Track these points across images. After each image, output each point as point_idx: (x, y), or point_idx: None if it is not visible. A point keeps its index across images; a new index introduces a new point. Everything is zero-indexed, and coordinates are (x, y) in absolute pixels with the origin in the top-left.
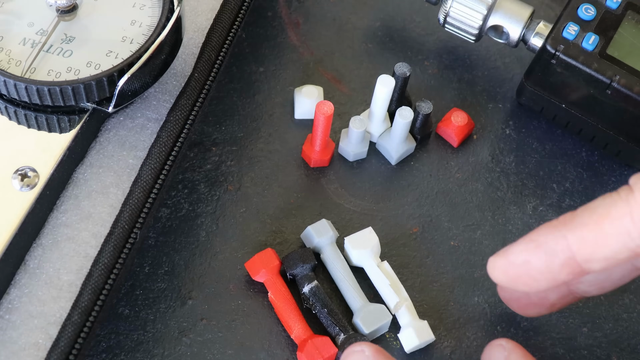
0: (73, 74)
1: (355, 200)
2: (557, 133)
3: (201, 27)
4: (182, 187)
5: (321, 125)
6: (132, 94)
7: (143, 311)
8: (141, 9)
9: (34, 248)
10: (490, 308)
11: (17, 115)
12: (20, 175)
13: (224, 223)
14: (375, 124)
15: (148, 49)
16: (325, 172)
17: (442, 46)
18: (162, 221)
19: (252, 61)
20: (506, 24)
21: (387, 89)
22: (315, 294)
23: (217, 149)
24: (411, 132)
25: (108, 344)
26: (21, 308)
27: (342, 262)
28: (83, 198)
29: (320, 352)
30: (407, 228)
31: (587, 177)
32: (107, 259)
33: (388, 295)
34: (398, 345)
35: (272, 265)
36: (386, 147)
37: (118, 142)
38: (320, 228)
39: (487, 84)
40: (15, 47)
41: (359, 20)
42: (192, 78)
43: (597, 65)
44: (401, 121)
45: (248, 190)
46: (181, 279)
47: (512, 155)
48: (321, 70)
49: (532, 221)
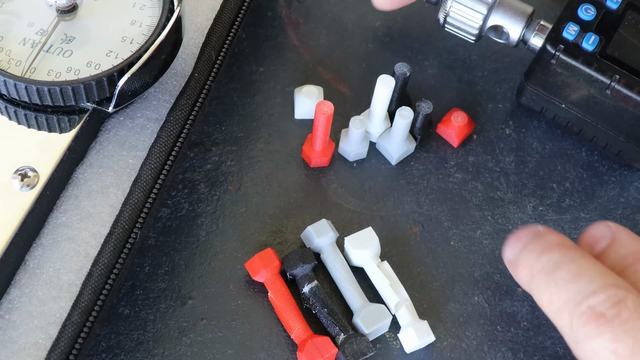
0: (73, 74)
1: (355, 200)
2: (557, 133)
3: (201, 27)
4: (182, 187)
5: (321, 125)
6: (132, 94)
7: (143, 311)
8: (141, 9)
9: (34, 248)
10: (490, 308)
11: (17, 115)
12: (20, 175)
13: (224, 223)
14: (375, 124)
15: (148, 49)
16: (325, 172)
17: (442, 46)
18: (162, 221)
19: (252, 61)
20: (506, 24)
21: (388, 89)
22: (315, 294)
23: (217, 149)
24: (411, 132)
25: (108, 343)
26: (21, 308)
27: (342, 262)
28: (83, 198)
29: (320, 352)
30: (407, 228)
31: (587, 177)
32: (107, 258)
33: (388, 295)
34: (398, 345)
35: (272, 265)
36: (386, 147)
37: (118, 142)
38: (320, 228)
39: (487, 84)
40: (15, 47)
41: (359, 20)
42: (192, 78)
43: (597, 65)
44: (401, 121)
45: (248, 190)
46: (181, 279)
47: (512, 155)
48: (321, 70)
49: (532, 221)
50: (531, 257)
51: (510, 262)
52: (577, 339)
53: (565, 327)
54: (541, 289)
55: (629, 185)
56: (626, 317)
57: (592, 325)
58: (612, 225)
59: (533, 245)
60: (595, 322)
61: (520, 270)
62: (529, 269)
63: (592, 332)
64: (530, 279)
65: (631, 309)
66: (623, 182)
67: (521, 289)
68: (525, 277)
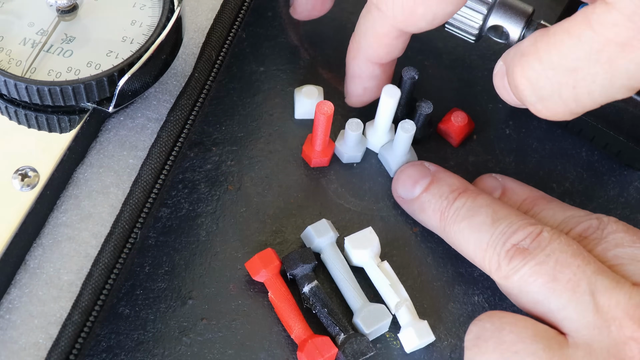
0: (73, 74)
1: (355, 200)
2: (557, 133)
3: (201, 27)
4: (182, 187)
5: (321, 125)
6: (132, 94)
7: (143, 311)
8: (141, 9)
9: (34, 248)
10: (490, 308)
11: (18, 115)
12: (20, 175)
13: (224, 223)
14: (379, 135)
15: (148, 49)
16: (325, 172)
17: (442, 46)
18: (163, 221)
19: (252, 61)
20: (506, 24)
21: (393, 100)
22: (315, 294)
23: (217, 148)
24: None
25: (108, 343)
26: (21, 308)
27: (342, 262)
28: (83, 198)
29: (320, 352)
30: (407, 228)
31: (587, 177)
32: (108, 258)
33: (388, 295)
34: (398, 345)
35: (272, 265)
36: (387, 158)
37: (118, 142)
38: (320, 228)
39: (487, 84)
40: (15, 47)
41: None
42: (192, 78)
43: None
44: (403, 134)
45: (248, 190)
46: (181, 278)
47: (512, 155)
48: (321, 70)
49: None
50: (440, 201)
51: (404, 200)
52: (507, 275)
53: (493, 266)
54: (462, 234)
55: (629, 185)
56: (544, 244)
57: (518, 258)
58: (498, 177)
59: (437, 189)
60: (521, 255)
61: (428, 213)
62: (440, 213)
63: (518, 264)
64: (444, 223)
65: (548, 238)
66: (623, 182)
67: None
68: (436, 221)
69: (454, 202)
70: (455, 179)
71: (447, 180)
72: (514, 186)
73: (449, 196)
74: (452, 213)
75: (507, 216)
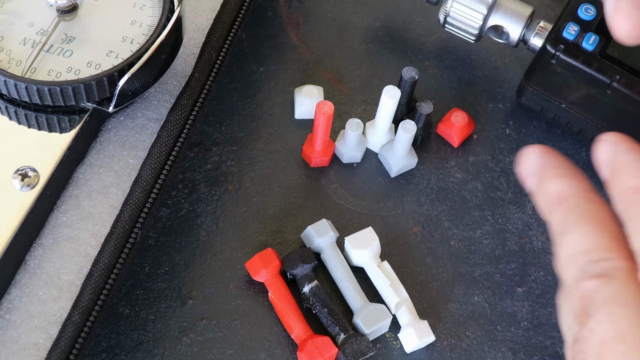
0: (73, 73)
1: (355, 200)
2: (557, 133)
3: (201, 27)
4: (182, 187)
5: (321, 125)
6: (132, 94)
7: (143, 311)
8: (141, 9)
9: (34, 248)
10: (490, 308)
11: (18, 115)
12: (20, 175)
13: (224, 223)
14: (379, 135)
15: (148, 49)
16: (325, 172)
17: (442, 46)
18: (163, 221)
19: (252, 61)
20: (506, 24)
21: (393, 101)
22: (315, 294)
23: (217, 148)
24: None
25: (108, 343)
26: (21, 308)
27: (342, 262)
28: (83, 198)
29: (320, 352)
30: (407, 228)
31: (587, 177)
32: (108, 258)
33: (388, 295)
34: (398, 345)
35: (272, 265)
36: (387, 158)
37: (118, 142)
38: (320, 228)
39: (487, 84)
40: (15, 47)
41: (359, 20)
42: (192, 78)
43: (597, 65)
44: (403, 134)
45: (248, 190)
46: (181, 278)
47: (512, 155)
48: (321, 70)
49: (532, 221)
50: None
51: (527, 176)
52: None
53: (568, 276)
54: (568, 228)
55: None
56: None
57: (593, 281)
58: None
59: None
60: (597, 280)
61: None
62: (557, 196)
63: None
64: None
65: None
66: None
67: (521, 289)
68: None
69: (569, 200)
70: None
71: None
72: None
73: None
74: (566, 207)
75: (602, 235)
